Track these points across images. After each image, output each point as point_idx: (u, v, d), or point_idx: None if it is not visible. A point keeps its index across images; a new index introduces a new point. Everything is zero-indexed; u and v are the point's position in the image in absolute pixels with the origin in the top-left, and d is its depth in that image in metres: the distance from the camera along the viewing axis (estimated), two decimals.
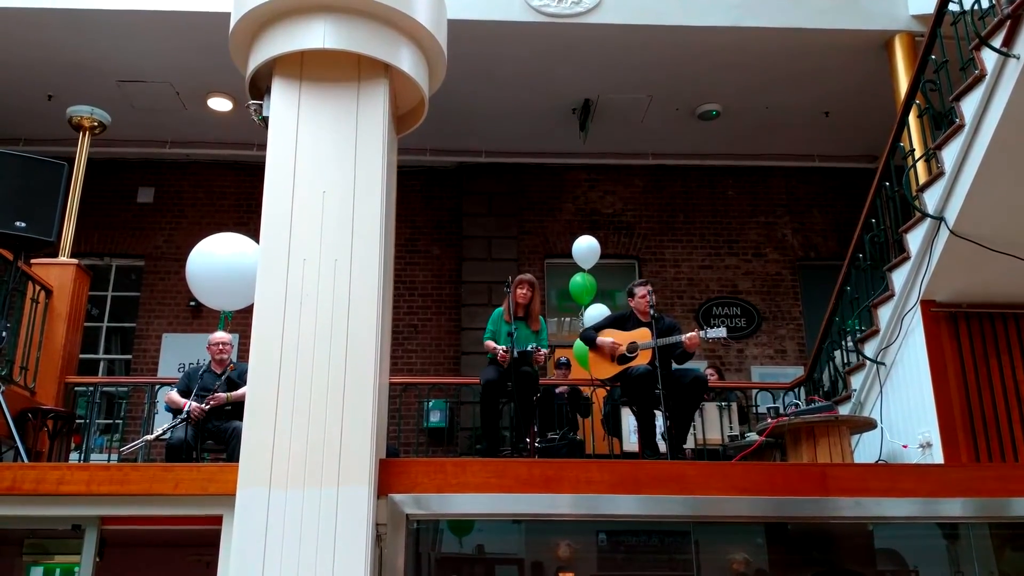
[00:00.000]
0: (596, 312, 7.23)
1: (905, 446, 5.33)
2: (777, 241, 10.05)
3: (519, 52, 7.98)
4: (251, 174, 9.69)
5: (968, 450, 5.10)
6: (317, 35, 4.07)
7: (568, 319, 9.84)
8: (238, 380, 5.81)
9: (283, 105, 4.09)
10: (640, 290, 5.77)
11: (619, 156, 9.97)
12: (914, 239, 5.40)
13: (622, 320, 5.88)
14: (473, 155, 9.90)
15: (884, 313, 5.75)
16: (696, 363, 7.42)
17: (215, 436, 5.67)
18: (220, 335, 6.07)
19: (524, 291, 5.87)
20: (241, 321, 7.91)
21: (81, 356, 7.00)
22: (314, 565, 3.44)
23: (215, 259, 6.15)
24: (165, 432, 5.53)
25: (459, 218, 9.94)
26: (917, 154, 5.87)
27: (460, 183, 10.04)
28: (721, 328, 5.53)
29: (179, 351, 9.08)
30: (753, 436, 6.13)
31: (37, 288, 6.22)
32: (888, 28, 7.58)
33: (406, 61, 4.26)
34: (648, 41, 7.80)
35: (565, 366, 7.44)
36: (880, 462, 5.35)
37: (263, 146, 4.10)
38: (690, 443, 6.18)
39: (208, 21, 7.16)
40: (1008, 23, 4.45)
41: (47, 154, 5.63)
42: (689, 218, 10.08)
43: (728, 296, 9.80)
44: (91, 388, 6.85)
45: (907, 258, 5.46)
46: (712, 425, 6.61)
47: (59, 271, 6.52)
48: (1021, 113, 4.49)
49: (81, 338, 6.81)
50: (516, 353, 5.49)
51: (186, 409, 5.51)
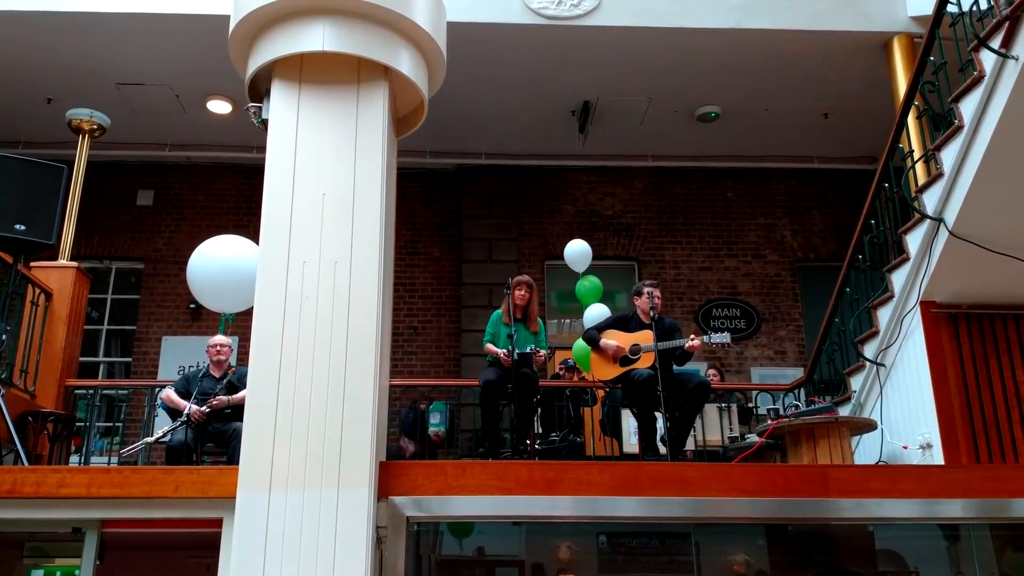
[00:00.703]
0: (596, 313, 7.22)
1: (905, 447, 5.33)
2: (777, 242, 10.06)
3: (519, 54, 7.98)
4: (251, 176, 9.69)
5: (968, 451, 5.10)
6: (316, 38, 4.07)
7: (568, 320, 9.84)
8: (239, 384, 5.80)
9: (283, 108, 4.09)
10: (647, 290, 5.74)
11: (619, 158, 9.98)
12: (913, 240, 5.40)
13: (624, 321, 5.87)
14: (473, 157, 9.90)
15: (884, 314, 5.76)
16: (697, 364, 7.44)
17: (215, 439, 5.67)
18: (219, 338, 6.07)
19: (522, 292, 5.87)
20: (241, 324, 7.89)
21: (81, 359, 6.99)
22: (314, 568, 3.44)
23: (216, 261, 6.15)
24: (165, 435, 5.52)
25: (459, 220, 9.94)
26: (916, 155, 5.88)
27: (460, 185, 10.04)
28: (725, 334, 5.53)
29: (179, 354, 9.07)
30: (753, 437, 6.13)
31: (37, 291, 6.22)
32: (887, 30, 7.59)
33: (405, 63, 4.26)
34: (647, 43, 7.80)
35: (572, 369, 7.42)
36: (880, 463, 5.35)
37: (263, 148, 4.10)
38: (690, 445, 6.17)
39: (207, 24, 7.17)
40: (1007, 24, 4.46)
41: (47, 157, 5.63)
42: (689, 220, 10.09)
43: (728, 297, 9.80)
44: (91, 391, 6.84)
45: (906, 259, 5.46)
46: (712, 426, 6.61)
47: (59, 274, 6.52)
48: (1020, 114, 4.49)
49: (81, 341, 6.80)
50: (516, 355, 5.49)
51: (186, 412, 5.50)
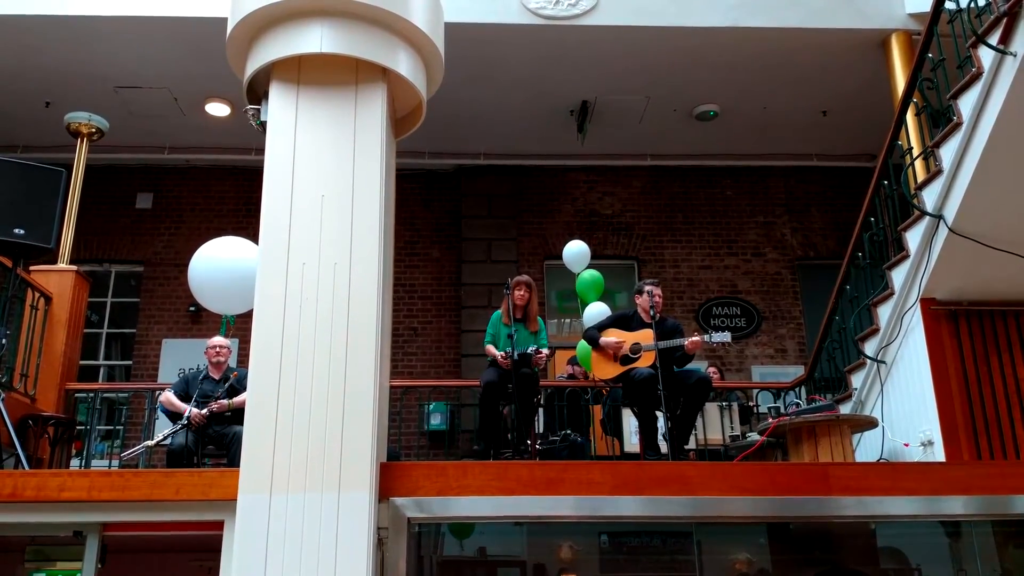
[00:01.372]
0: (595, 311, 7.20)
1: (907, 444, 5.33)
2: (776, 241, 10.05)
3: (517, 55, 7.98)
4: (250, 179, 9.68)
5: (970, 448, 5.10)
6: (314, 39, 4.07)
7: (568, 320, 9.84)
8: (239, 387, 5.80)
9: (281, 109, 4.09)
10: (648, 288, 5.75)
11: (617, 157, 9.97)
12: (913, 237, 5.40)
13: (625, 320, 5.87)
14: (472, 157, 9.90)
15: (884, 312, 5.75)
16: (697, 363, 7.42)
17: (216, 441, 5.66)
18: (218, 339, 6.07)
19: (521, 292, 5.87)
20: (241, 326, 7.90)
21: (81, 362, 6.99)
22: (316, 570, 3.44)
23: (218, 263, 6.15)
24: (166, 438, 5.52)
25: (458, 220, 9.94)
26: (915, 152, 5.88)
27: (459, 185, 10.04)
28: (726, 333, 5.54)
29: (179, 356, 9.07)
30: (754, 436, 6.12)
31: (36, 295, 6.22)
32: (885, 27, 7.59)
33: (404, 65, 4.26)
34: (645, 42, 7.81)
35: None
36: (882, 461, 5.35)
37: (261, 151, 4.10)
38: (691, 443, 6.17)
39: (205, 27, 7.17)
40: (1005, 20, 4.46)
41: (45, 161, 5.63)
42: (688, 218, 10.08)
43: (728, 296, 9.80)
44: (91, 394, 6.84)
45: (906, 256, 5.46)
46: (713, 425, 6.61)
47: (58, 278, 6.51)
48: (1018, 110, 4.49)
49: (81, 344, 6.79)
50: (516, 355, 5.49)
51: (186, 415, 5.50)
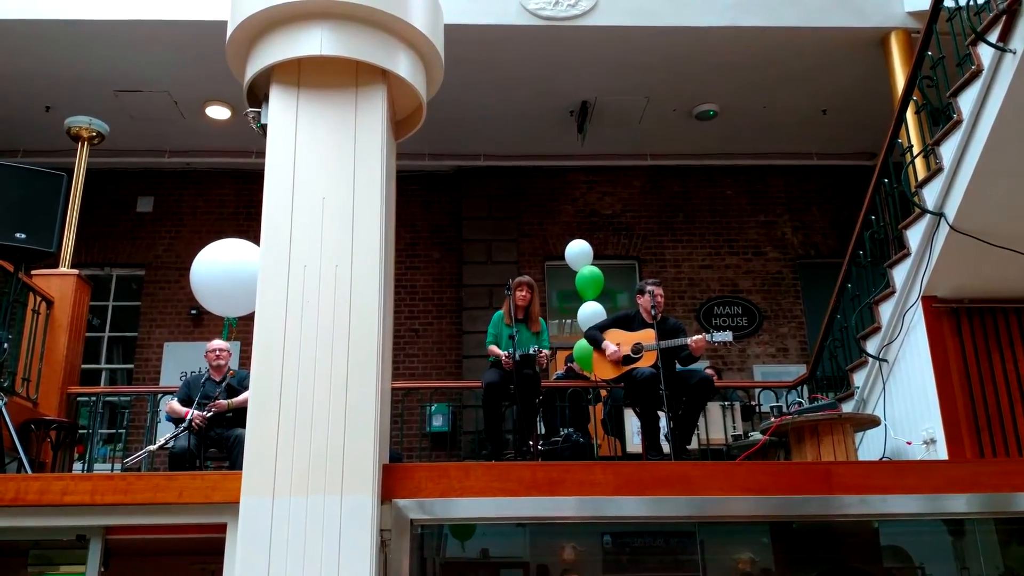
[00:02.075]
0: (591, 310, 7.20)
1: (909, 443, 5.33)
2: (777, 240, 10.05)
3: (516, 55, 7.99)
4: (250, 182, 9.69)
5: (972, 446, 5.09)
6: (314, 42, 4.07)
7: (569, 321, 9.84)
8: (238, 387, 5.81)
9: (281, 112, 4.09)
10: (650, 288, 5.74)
11: (617, 157, 9.98)
12: (914, 235, 5.40)
13: (627, 320, 5.87)
14: (472, 159, 9.90)
15: (885, 310, 5.75)
16: (698, 363, 7.41)
17: (218, 444, 5.67)
18: (217, 342, 6.07)
19: (523, 293, 5.87)
20: (242, 328, 7.92)
21: (83, 366, 7.00)
22: (319, 572, 3.43)
23: (219, 265, 6.15)
24: (168, 441, 5.52)
25: (459, 222, 9.94)
26: (915, 150, 5.88)
27: (459, 187, 10.05)
28: (727, 332, 5.54)
29: (181, 360, 9.08)
30: (757, 435, 6.12)
31: (38, 299, 6.22)
32: (883, 25, 7.59)
33: (404, 67, 4.26)
34: (644, 42, 7.81)
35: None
36: (884, 459, 5.35)
37: (262, 153, 4.10)
38: (693, 443, 6.17)
39: (205, 30, 7.17)
40: (1004, 18, 4.46)
41: (46, 165, 5.64)
42: (688, 218, 10.08)
43: (729, 295, 9.80)
44: (93, 398, 6.85)
45: (907, 254, 5.46)
46: (715, 425, 6.61)
47: (60, 282, 6.52)
48: (1018, 107, 4.49)
49: (83, 348, 6.80)
50: (518, 356, 5.49)
51: (188, 418, 5.51)
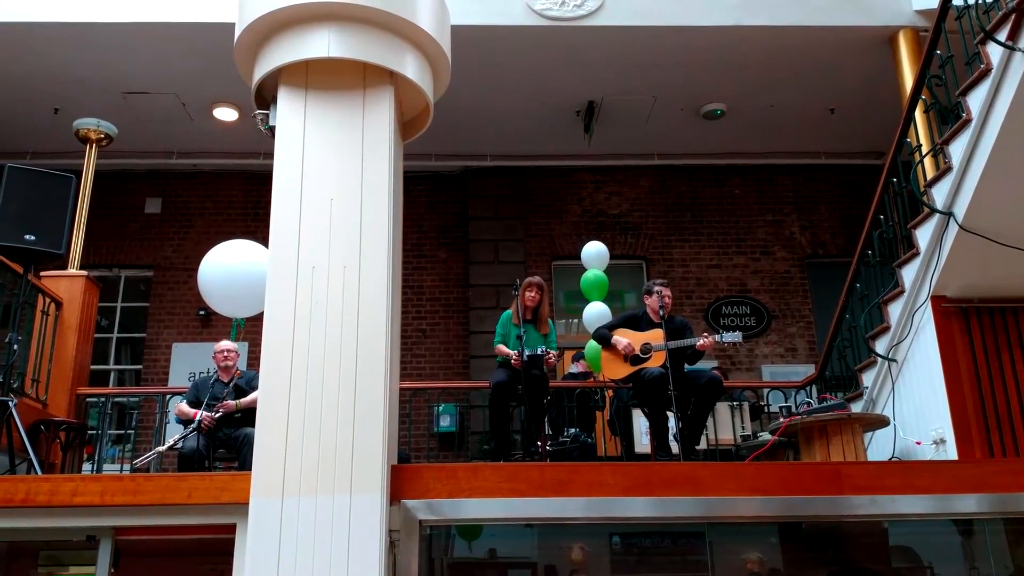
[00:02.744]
0: (596, 311, 7.19)
1: (918, 443, 5.31)
2: (785, 239, 10.03)
3: (522, 56, 7.99)
4: (258, 183, 9.72)
5: (982, 446, 5.07)
6: (322, 44, 4.07)
7: (576, 321, 9.83)
8: (246, 387, 5.82)
9: (289, 114, 4.10)
10: (657, 289, 5.75)
11: (624, 157, 9.97)
12: (923, 235, 5.38)
13: (635, 320, 5.86)
14: (478, 159, 9.91)
15: (894, 309, 5.73)
16: (706, 363, 7.40)
17: (226, 444, 5.68)
18: (225, 343, 6.08)
19: (533, 294, 5.85)
20: (251, 329, 7.93)
21: (92, 367, 7.02)
22: (328, 573, 3.44)
23: (227, 266, 6.17)
24: (177, 442, 5.54)
25: (465, 222, 9.95)
26: (924, 149, 5.86)
27: (466, 187, 10.05)
28: (737, 332, 5.53)
29: (189, 360, 9.11)
30: (766, 436, 6.11)
31: (47, 300, 6.25)
32: (891, 24, 7.57)
33: (411, 68, 4.26)
34: (651, 42, 7.80)
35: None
36: (894, 459, 5.33)
37: (269, 155, 4.11)
38: (702, 444, 6.16)
39: (212, 32, 7.19)
40: (1013, 16, 4.44)
41: (55, 167, 5.67)
42: (696, 217, 10.07)
43: (737, 295, 9.78)
44: (102, 399, 6.87)
45: (916, 254, 5.44)
46: (724, 425, 6.59)
47: (68, 283, 6.55)
48: None
49: (92, 349, 6.83)
50: (526, 356, 5.49)
51: (197, 419, 5.52)
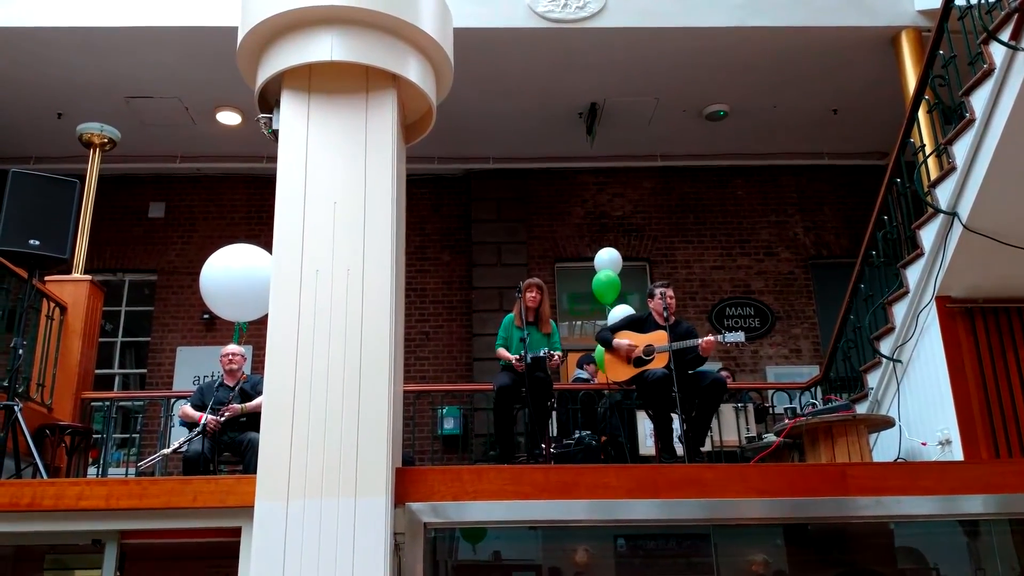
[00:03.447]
0: (622, 312, 7.20)
1: (924, 443, 5.30)
2: (789, 240, 10.02)
3: (525, 58, 7.99)
4: (261, 187, 9.73)
5: (988, 446, 5.06)
6: (325, 47, 4.08)
7: (579, 323, 9.83)
8: (251, 391, 5.83)
9: (292, 117, 4.11)
10: (660, 291, 5.75)
11: (627, 158, 9.96)
12: (927, 235, 5.37)
13: (639, 322, 5.86)
14: (481, 162, 9.91)
15: (899, 310, 5.72)
16: (711, 364, 7.41)
17: (231, 448, 5.69)
18: (231, 347, 6.09)
19: (533, 295, 5.86)
20: (255, 332, 7.95)
21: (96, 371, 7.04)
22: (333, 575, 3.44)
23: (229, 271, 6.18)
24: (182, 446, 5.55)
25: (468, 224, 9.95)
26: (928, 150, 5.85)
27: (468, 190, 10.05)
28: (739, 332, 5.52)
29: (193, 364, 9.11)
30: (771, 437, 6.10)
31: (52, 305, 6.26)
32: (894, 24, 7.56)
33: (413, 71, 4.27)
34: (653, 43, 7.80)
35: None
36: (899, 460, 5.32)
37: (273, 159, 4.12)
38: (707, 445, 6.15)
39: (215, 36, 7.20)
40: (1016, 16, 4.43)
41: (58, 172, 5.68)
42: (700, 219, 10.06)
43: (741, 296, 9.77)
44: (107, 403, 6.88)
45: (921, 254, 5.43)
46: (729, 427, 6.58)
47: (73, 287, 6.56)
48: None
49: (96, 353, 6.84)
50: (530, 359, 5.49)
51: (202, 422, 5.53)
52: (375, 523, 3.53)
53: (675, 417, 5.56)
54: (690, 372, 5.58)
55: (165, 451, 5.67)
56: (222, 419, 5.60)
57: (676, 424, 5.62)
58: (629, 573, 4.57)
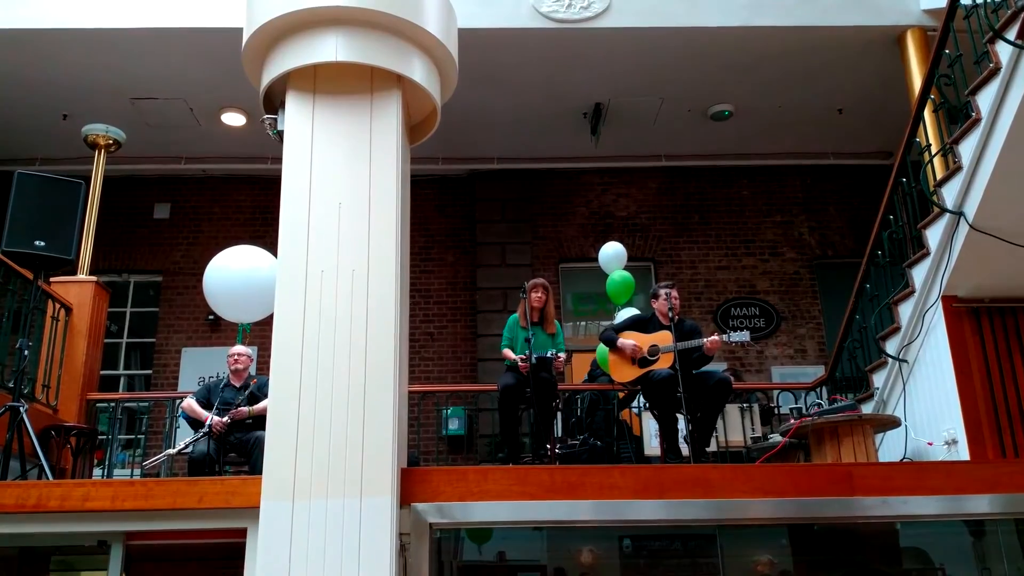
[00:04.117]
0: (625, 314, 7.18)
1: (930, 443, 5.28)
2: (794, 240, 10.00)
3: (529, 58, 7.99)
4: (266, 188, 9.75)
5: (994, 446, 5.05)
6: (330, 48, 4.09)
7: (584, 323, 9.82)
8: (259, 394, 5.82)
9: (297, 118, 4.11)
10: (664, 291, 5.74)
11: (632, 159, 9.95)
12: (933, 235, 5.35)
13: (643, 322, 5.85)
14: (485, 162, 9.91)
15: (905, 310, 5.71)
16: (716, 365, 7.40)
17: (237, 448, 5.69)
18: (238, 347, 6.09)
19: (539, 295, 5.86)
20: (260, 334, 7.95)
21: (102, 372, 7.04)
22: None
23: (231, 272, 6.19)
24: (187, 446, 5.55)
25: (472, 225, 9.95)
26: (934, 149, 5.83)
27: (473, 190, 10.05)
28: (744, 332, 5.49)
29: (198, 365, 9.13)
30: (776, 437, 6.09)
31: (57, 306, 6.28)
32: (899, 23, 7.54)
33: (418, 72, 4.27)
34: (657, 43, 7.79)
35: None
36: (905, 460, 5.31)
37: (277, 159, 4.12)
38: (712, 446, 6.14)
39: (220, 37, 7.21)
40: (1022, 15, 4.41)
41: (63, 173, 5.68)
42: (704, 219, 10.05)
43: (746, 296, 9.75)
44: (112, 404, 6.89)
45: (927, 254, 5.42)
46: (734, 427, 6.58)
47: (78, 289, 6.58)
48: None
49: (101, 354, 6.85)
50: (535, 359, 5.48)
51: (208, 423, 5.53)
52: (380, 523, 3.53)
53: (680, 417, 5.55)
54: (695, 372, 5.57)
55: (170, 451, 5.68)
56: (227, 421, 5.59)
57: (681, 424, 5.60)
58: (634, 574, 4.56)
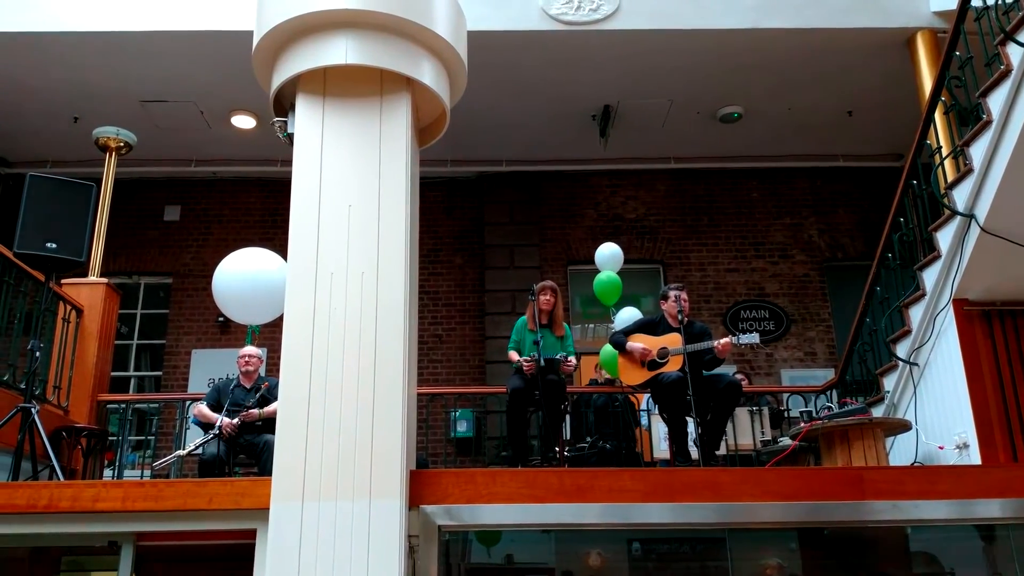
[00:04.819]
0: (628, 315, 7.16)
1: (941, 447, 5.25)
2: (804, 242, 9.97)
3: (538, 61, 7.99)
4: (275, 190, 9.78)
5: (1006, 450, 5.01)
6: (339, 51, 4.10)
7: (592, 325, 9.81)
8: (270, 396, 5.83)
9: (307, 121, 4.12)
10: (674, 293, 5.72)
11: (641, 161, 9.94)
12: (944, 237, 5.33)
13: (652, 325, 5.83)
14: (494, 164, 9.92)
15: (916, 313, 5.68)
16: (726, 368, 7.38)
17: (247, 450, 5.70)
18: (248, 349, 6.11)
19: (547, 297, 5.85)
20: (269, 335, 7.97)
21: (112, 374, 7.08)
22: None
23: (240, 275, 6.20)
24: (197, 447, 5.57)
25: (481, 227, 9.96)
26: (944, 151, 5.81)
27: (481, 193, 10.06)
28: (754, 334, 5.46)
29: (208, 367, 9.15)
30: (786, 441, 6.06)
31: (68, 308, 6.31)
32: (909, 25, 7.51)
33: (427, 74, 4.28)
34: (667, 46, 7.78)
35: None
36: (916, 464, 5.28)
37: (287, 162, 4.14)
38: (722, 449, 6.12)
39: (230, 40, 7.25)
40: None
41: (74, 175, 5.71)
42: (714, 221, 10.03)
43: (756, 299, 9.72)
44: (123, 405, 6.92)
45: (937, 257, 5.39)
46: (744, 430, 6.55)
47: (89, 290, 6.61)
48: None
49: (112, 356, 6.89)
50: (543, 361, 5.47)
51: (218, 424, 5.55)
52: (389, 525, 3.53)
53: (690, 420, 5.54)
54: (705, 374, 5.55)
55: (180, 452, 5.70)
56: (237, 423, 5.60)
57: (691, 427, 5.59)
58: None
